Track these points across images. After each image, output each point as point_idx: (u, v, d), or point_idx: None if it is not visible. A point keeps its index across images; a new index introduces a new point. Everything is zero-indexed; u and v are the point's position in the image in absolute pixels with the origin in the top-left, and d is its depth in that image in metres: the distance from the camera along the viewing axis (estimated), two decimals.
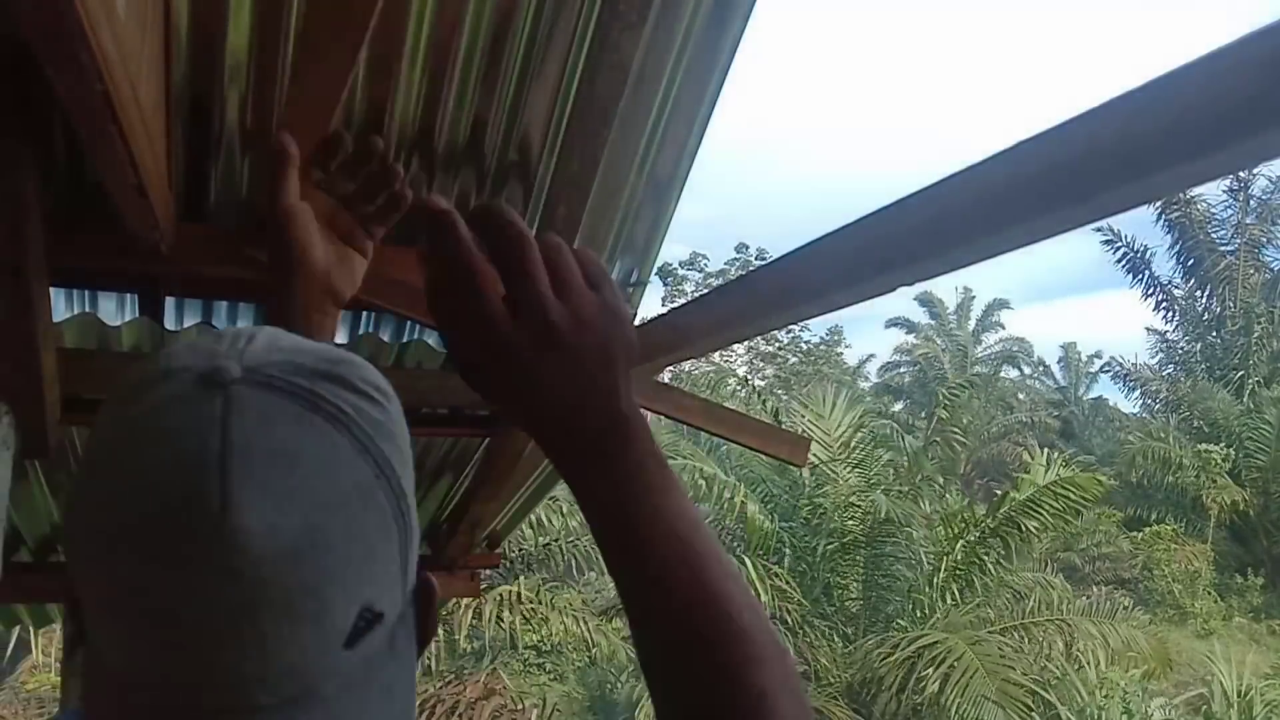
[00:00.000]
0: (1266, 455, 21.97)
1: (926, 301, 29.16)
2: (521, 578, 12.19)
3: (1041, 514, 10.64)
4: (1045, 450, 11.82)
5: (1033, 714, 8.84)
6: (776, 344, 27.06)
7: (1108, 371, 28.35)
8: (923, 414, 24.82)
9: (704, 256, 27.90)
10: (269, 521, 0.49)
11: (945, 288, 30.00)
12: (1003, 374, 29.72)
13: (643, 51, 1.79)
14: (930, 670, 8.77)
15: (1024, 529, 10.65)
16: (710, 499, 10.79)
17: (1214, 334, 27.24)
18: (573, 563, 12.81)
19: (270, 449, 0.51)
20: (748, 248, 27.83)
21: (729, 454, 11.64)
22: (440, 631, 8.86)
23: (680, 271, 27.18)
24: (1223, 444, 22.39)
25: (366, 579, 0.54)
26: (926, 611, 10.15)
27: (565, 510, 12.92)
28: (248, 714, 0.51)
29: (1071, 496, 10.68)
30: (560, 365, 0.63)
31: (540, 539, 12.38)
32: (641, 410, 0.66)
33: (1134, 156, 0.53)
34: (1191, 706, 12.14)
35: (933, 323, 29.62)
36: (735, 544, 10.96)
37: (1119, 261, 27.35)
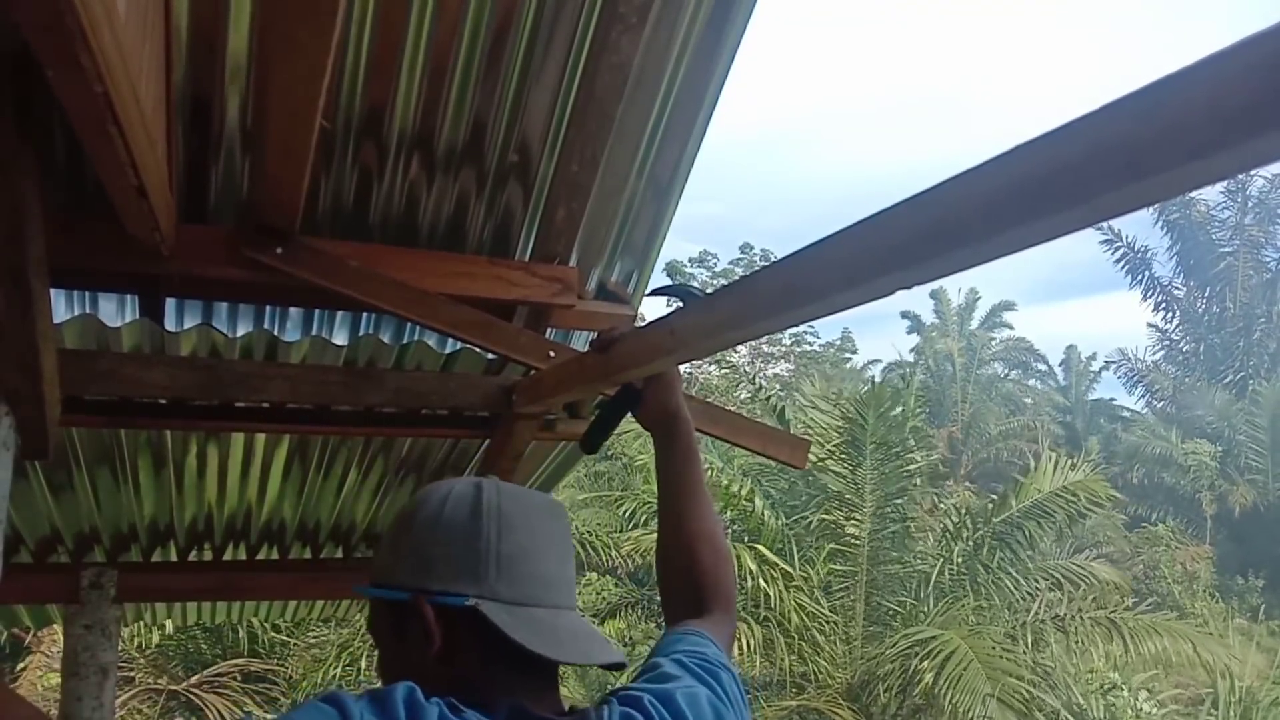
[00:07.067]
0: (1266, 456, 21.99)
1: (936, 296, 29.18)
2: None
3: (1049, 518, 10.50)
4: (1055, 454, 11.61)
5: (1031, 712, 8.84)
6: (781, 345, 26.93)
7: (1111, 364, 28.36)
8: (926, 414, 24.78)
9: (714, 255, 27.75)
10: None
11: (950, 288, 30.01)
12: (1006, 374, 29.70)
13: (642, 53, 1.79)
14: (925, 663, 8.76)
15: (1028, 533, 10.53)
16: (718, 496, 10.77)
17: (1214, 335, 27.24)
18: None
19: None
20: (753, 247, 27.70)
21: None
22: None
23: (688, 269, 26.99)
24: (1219, 444, 22.42)
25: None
26: (929, 610, 10.14)
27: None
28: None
29: (1080, 500, 10.52)
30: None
31: None
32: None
33: (1136, 159, 0.53)
34: (1190, 706, 12.15)
35: (938, 321, 29.60)
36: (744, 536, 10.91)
37: (1118, 262, 27.38)
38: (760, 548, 10.11)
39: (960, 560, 10.56)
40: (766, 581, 9.82)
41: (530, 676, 0.99)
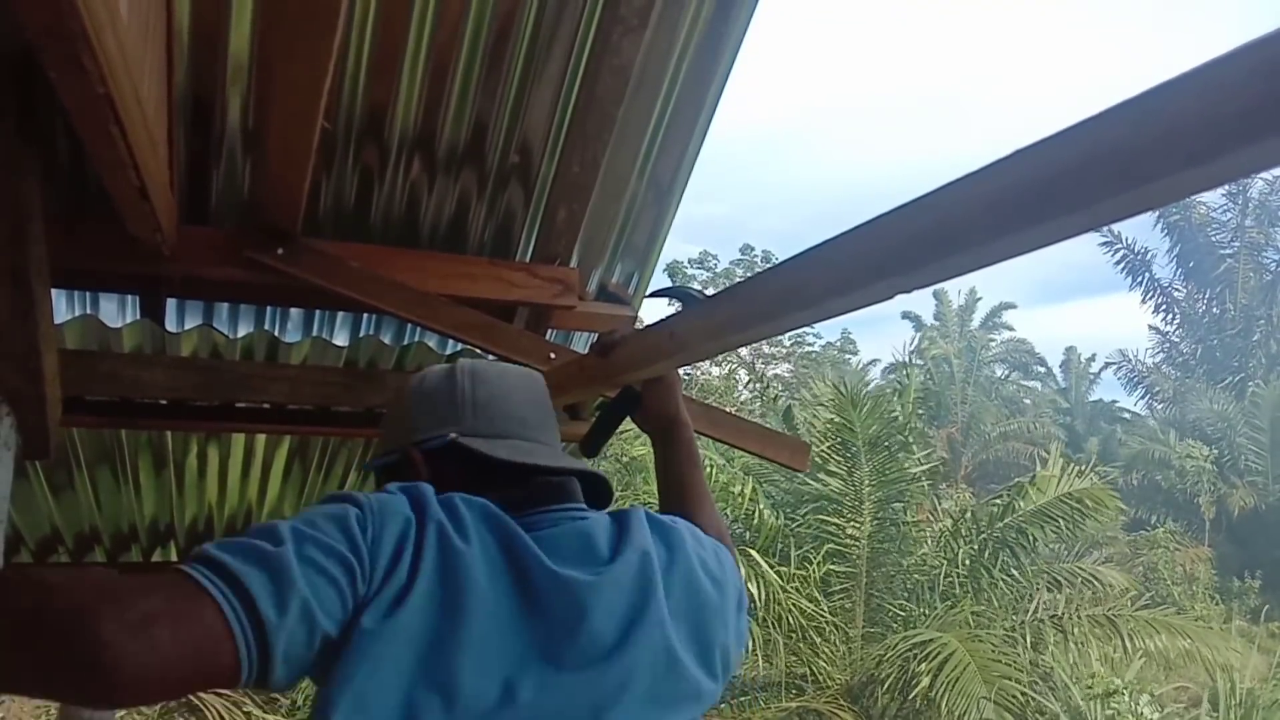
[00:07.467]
0: (1265, 458, 21.98)
1: (937, 296, 29.16)
2: None
3: (1053, 521, 10.57)
4: (1062, 459, 11.65)
5: (1027, 712, 8.84)
6: (781, 346, 26.86)
7: (1111, 365, 28.33)
8: (926, 415, 24.76)
9: (714, 256, 27.71)
10: None
11: (951, 289, 29.97)
12: (1006, 375, 29.66)
13: (644, 55, 1.79)
14: (923, 666, 8.76)
15: (1031, 536, 10.58)
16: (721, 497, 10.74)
17: (1214, 337, 27.22)
18: None
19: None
20: (753, 248, 27.64)
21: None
22: None
23: (689, 270, 26.94)
24: (1214, 446, 22.42)
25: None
26: (929, 612, 10.14)
27: None
28: None
29: (1086, 507, 10.58)
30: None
31: None
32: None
33: (1133, 166, 0.54)
34: (1190, 706, 12.13)
35: (938, 322, 29.57)
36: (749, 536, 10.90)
37: (1118, 264, 27.36)
38: (753, 552, 10.11)
39: (966, 562, 10.56)
40: (764, 582, 9.81)
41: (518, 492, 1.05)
